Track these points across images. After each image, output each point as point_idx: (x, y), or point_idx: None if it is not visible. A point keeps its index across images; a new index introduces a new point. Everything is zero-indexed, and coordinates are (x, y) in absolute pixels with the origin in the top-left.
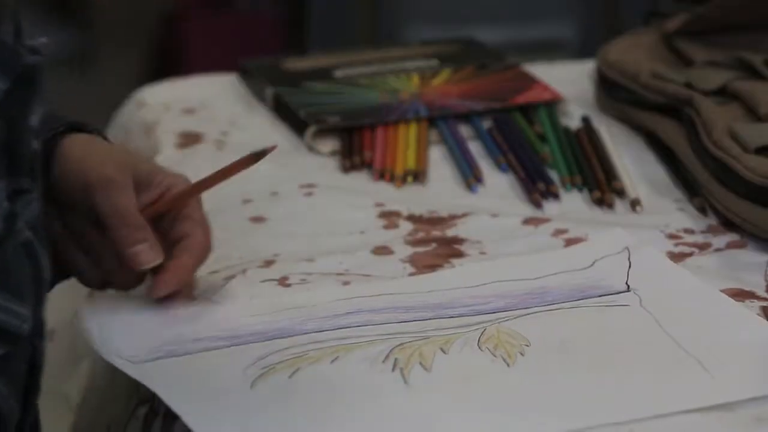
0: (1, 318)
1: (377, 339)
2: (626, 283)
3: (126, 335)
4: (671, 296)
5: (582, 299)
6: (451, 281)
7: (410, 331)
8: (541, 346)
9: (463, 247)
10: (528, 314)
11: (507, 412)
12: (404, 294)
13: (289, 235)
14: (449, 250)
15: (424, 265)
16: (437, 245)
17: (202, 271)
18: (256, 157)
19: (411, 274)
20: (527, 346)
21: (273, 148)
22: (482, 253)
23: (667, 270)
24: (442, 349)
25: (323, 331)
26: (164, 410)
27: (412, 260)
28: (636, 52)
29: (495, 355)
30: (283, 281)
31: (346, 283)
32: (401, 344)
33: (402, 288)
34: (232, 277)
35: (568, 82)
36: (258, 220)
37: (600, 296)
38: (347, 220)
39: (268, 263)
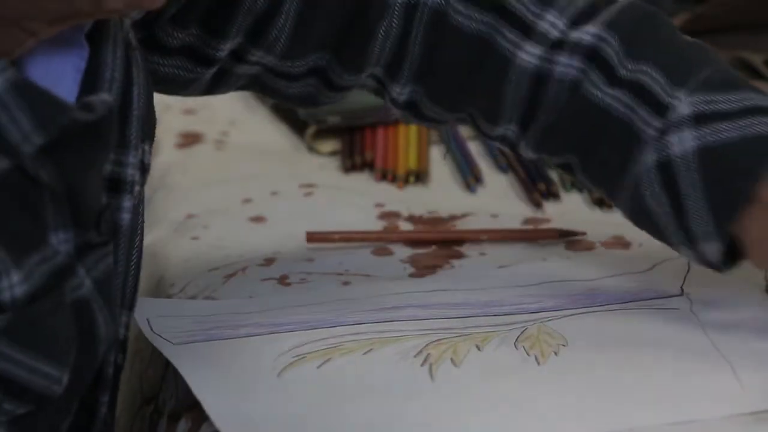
0: (24, 376)
1: (415, 334)
2: (681, 287)
3: (172, 317)
4: (723, 302)
5: (632, 301)
6: (505, 279)
7: (451, 327)
8: (578, 346)
9: (462, 248)
10: (574, 315)
11: (525, 411)
12: (456, 291)
13: (288, 234)
14: (449, 251)
15: (424, 266)
16: (437, 246)
17: (202, 269)
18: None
19: (411, 275)
20: (564, 346)
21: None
22: (482, 254)
23: (726, 277)
24: (477, 346)
25: (365, 323)
26: (169, 410)
27: (412, 261)
28: None
29: (528, 354)
30: (283, 280)
31: (346, 284)
32: (438, 340)
33: (456, 284)
34: (232, 275)
35: None
36: (258, 219)
37: (651, 299)
38: (347, 220)
39: (269, 261)
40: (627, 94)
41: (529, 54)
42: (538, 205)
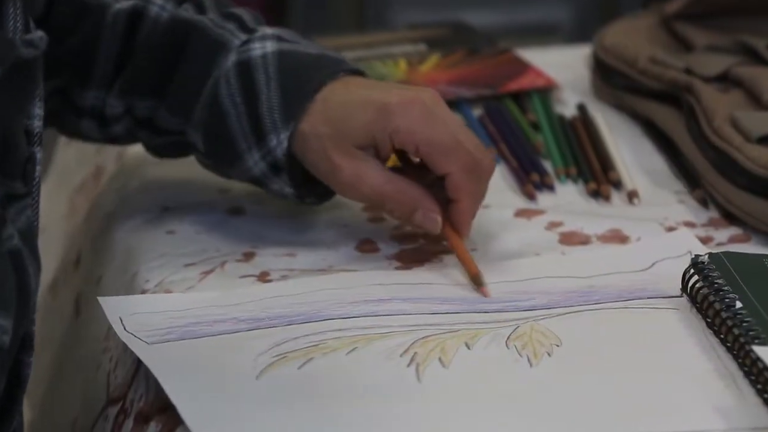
0: None
1: (402, 330)
2: (681, 288)
3: (146, 314)
4: None
5: (630, 300)
6: (496, 273)
7: (439, 323)
8: (572, 347)
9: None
10: (568, 313)
11: (516, 416)
12: (445, 285)
13: (268, 227)
14: (437, 246)
15: (411, 261)
16: (425, 241)
17: (178, 265)
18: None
19: (397, 269)
20: (557, 346)
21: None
22: (473, 249)
23: None
24: (466, 344)
25: (349, 317)
26: (136, 411)
27: (399, 257)
28: (634, 36)
29: (521, 354)
30: (263, 277)
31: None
32: (425, 337)
33: (444, 278)
34: (209, 271)
35: (563, 67)
36: (236, 211)
37: (649, 299)
38: (330, 212)
39: (248, 256)
40: (218, 16)
41: None
42: (531, 196)
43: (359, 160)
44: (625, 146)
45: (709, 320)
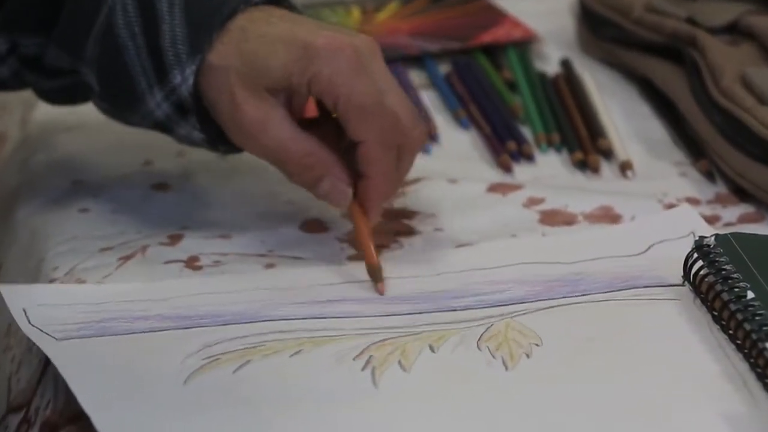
0: None
1: (354, 334)
2: (683, 275)
3: (56, 306)
4: None
5: (622, 290)
6: (466, 260)
7: (398, 326)
8: (555, 346)
9: (413, 222)
10: (551, 307)
11: (486, 424)
12: (406, 279)
13: (198, 205)
14: (396, 225)
15: None
16: (382, 219)
17: (92, 249)
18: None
19: (350, 258)
20: (537, 345)
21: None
22: (438, 229)
23: None
24: (431, 347)
25: (293, 319)
26: (42, 420)
27: (351, 239)
28: None
29: (494, 356)
30: (192, 263)
31: (270, 266)
32: (382, 341)
33: (405, 270)
34: (129, 256)
35: (544, 16)
36: (161, 186)
37: (645, 287)
38: (271, 186)
39: (174, 239)
40: None
41: None
42: (507, 168)
43: (268, 105)
44: (617, 109)
45: (715, 313)
